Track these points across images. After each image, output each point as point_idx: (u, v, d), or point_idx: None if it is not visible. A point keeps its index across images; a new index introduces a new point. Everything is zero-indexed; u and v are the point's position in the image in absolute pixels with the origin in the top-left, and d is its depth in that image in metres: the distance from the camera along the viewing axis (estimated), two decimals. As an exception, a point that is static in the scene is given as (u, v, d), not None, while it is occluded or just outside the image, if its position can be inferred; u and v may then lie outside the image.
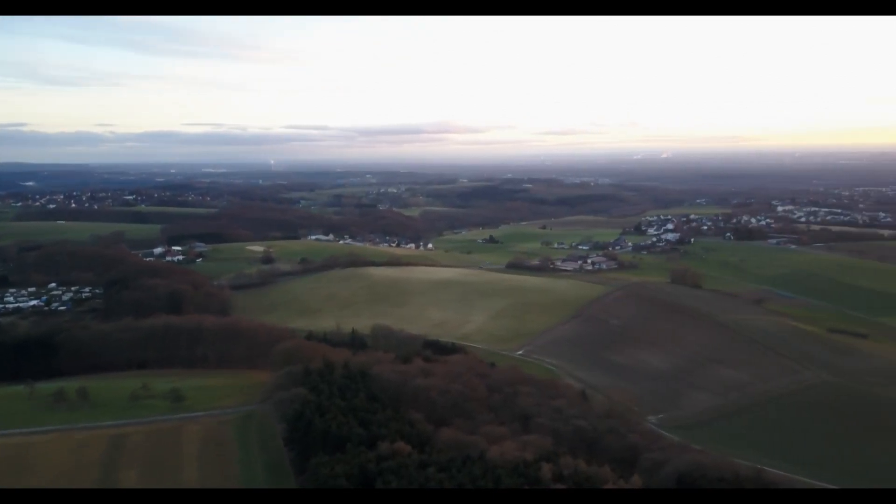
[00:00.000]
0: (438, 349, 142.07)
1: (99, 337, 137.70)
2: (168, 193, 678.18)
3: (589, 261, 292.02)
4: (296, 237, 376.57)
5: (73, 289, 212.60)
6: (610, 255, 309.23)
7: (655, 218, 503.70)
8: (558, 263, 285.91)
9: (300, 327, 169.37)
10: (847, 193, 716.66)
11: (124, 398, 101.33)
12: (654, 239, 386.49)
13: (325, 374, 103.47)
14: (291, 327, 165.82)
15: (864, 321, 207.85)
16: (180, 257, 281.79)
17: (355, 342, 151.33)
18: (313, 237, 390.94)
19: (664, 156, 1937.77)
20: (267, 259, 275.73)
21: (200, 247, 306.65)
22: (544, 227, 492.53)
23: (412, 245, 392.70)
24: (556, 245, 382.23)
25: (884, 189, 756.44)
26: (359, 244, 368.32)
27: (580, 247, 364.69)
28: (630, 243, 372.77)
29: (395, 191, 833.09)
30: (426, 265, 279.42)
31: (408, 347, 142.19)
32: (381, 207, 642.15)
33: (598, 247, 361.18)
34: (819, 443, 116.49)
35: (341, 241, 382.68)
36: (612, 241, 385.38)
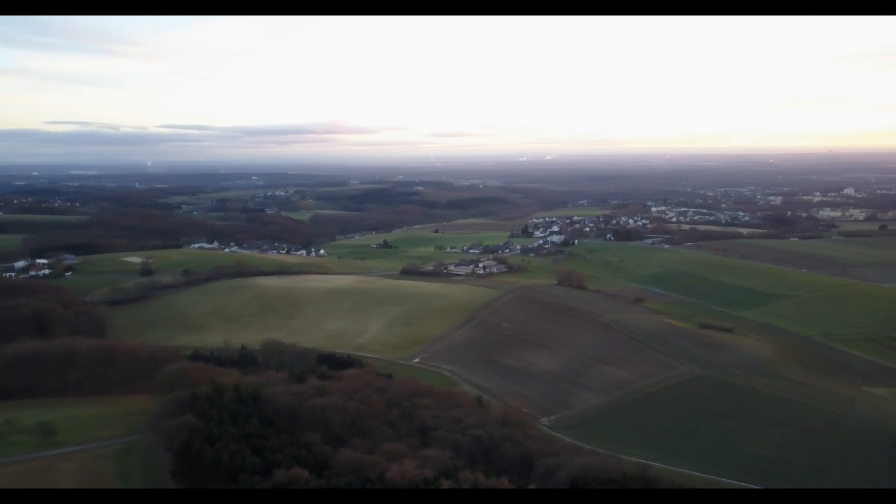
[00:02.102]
0: (334, 363, 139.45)
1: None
2: (30, 199, 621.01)
3: (480, 265, 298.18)
4: (177, 246, 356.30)
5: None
6: (500, 259, 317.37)
7: (542, 220, 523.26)
8: (451, 268, 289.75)
9: (185, 344, 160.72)
10: (711, 194, 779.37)
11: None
12: (541, 241, 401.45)
13: (214, 399, 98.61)
14: (175, 345, 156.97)
15: (729, 316, 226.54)
16: (47, 272, 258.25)
17: (245, 359, 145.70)
18: (196, 245, 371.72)
19: (548, 158, 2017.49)
20: (146, 271, 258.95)
21: (70, 259, 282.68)
22: (437, 231, 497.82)
23: (303, 252, 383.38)
24: (448, 249, 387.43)
25: (742, 189, 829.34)
26: (246, 252, 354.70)
27: (472, 251, 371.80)
28: (518, 246, 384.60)
29: (283, 193, 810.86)
30: (319, 273, 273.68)
31: (302, 363, 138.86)
32: (268, 212, 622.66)
33: (488, 250, 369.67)
34: (695, 434, 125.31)
35: (227, 250, 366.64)
36: (501, 244, 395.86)
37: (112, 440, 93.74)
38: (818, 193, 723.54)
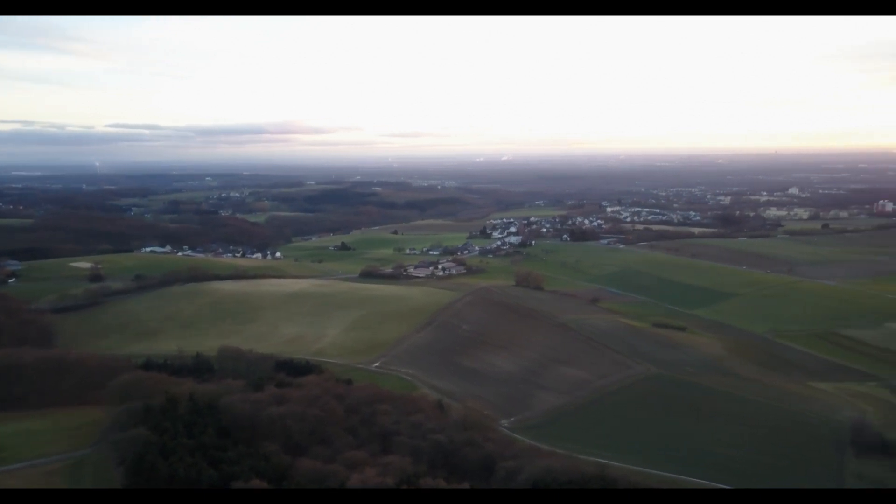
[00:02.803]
0: (292, 370, 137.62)
1: None
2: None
3: (440, 266, 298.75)
4: (128, 250, 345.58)
5: None
6: (459, 261, 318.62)
7: (499, 221, 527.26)
8: (411, 270, 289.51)
9: (137, 352, 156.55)
10: (664, 194, 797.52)
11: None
12: (499, 242, 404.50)
13: (168, 410, 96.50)
14: (127, 354, 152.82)
15: (682, 314, 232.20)
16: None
17: (201, 367, 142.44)
18: (148, 249, 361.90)
19: (504, 158, 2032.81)
20: (95, 276, 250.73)
21: (13, 265, 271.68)
22: (395, 233, 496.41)
23: (259, 255, 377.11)
24: (407, 251, 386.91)
25: (693, 189, 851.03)
26: (200, 256, 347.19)
27: (431, 252, 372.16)
28: (477, 247, 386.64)
29: (238, 195, 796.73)
30: (275, 277, 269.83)
31: (259, 370, 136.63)
32: (223, 214, 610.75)
33: (447, 251, 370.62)
34: (651, 433, 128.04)
35: (180, 253, 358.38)
36: (460, 245, 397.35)
37: (61, 455, 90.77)
38: (765, 193, 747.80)
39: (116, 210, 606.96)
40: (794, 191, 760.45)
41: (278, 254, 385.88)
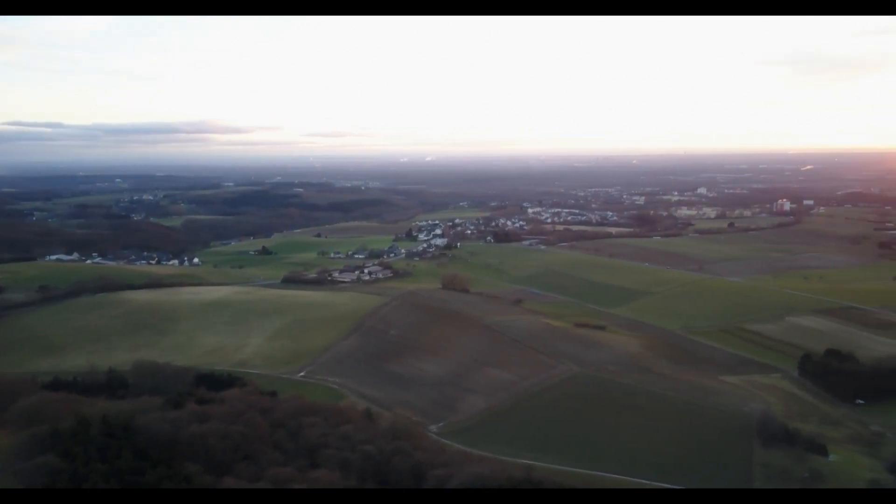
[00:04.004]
0: (213, 383, 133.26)
1: None
2: None
3: (366, 271, 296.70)
4: (31, 258, 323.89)
5: None
6: (385, 264, 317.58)
7: (425, 223, 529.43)
8: (336, 275, 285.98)
9: (43, 370, 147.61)
10: (582, 194, 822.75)
11: None
12: (425, 245, 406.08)
13: (78, 434, 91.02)
14: (32, 372, 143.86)
15: (601, 313, 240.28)
16: None
17: (114, 383, 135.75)
18: (53, 258, 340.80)
19: (428, 159, 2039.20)
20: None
21: None
22: (319, 236, 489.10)
23: (175, 261, 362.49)
24: (332, 255, 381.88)
25: (610, 190, 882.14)
26: (111, 264, 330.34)
27: (356, 256, 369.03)
28: (403, 250, 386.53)
29: (151, 197, 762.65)
30: (193, 284, 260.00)
31: (178, 384, 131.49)
32: (135, 218, 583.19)
33: (373, 255, 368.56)
34: (575, 432, 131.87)
35: (89, 262, 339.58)
36: (386, 248, 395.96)
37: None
38: (676, 193, 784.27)
39: (16, 215, 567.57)
40: (702, 191, 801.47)
41: (196, 260, 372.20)
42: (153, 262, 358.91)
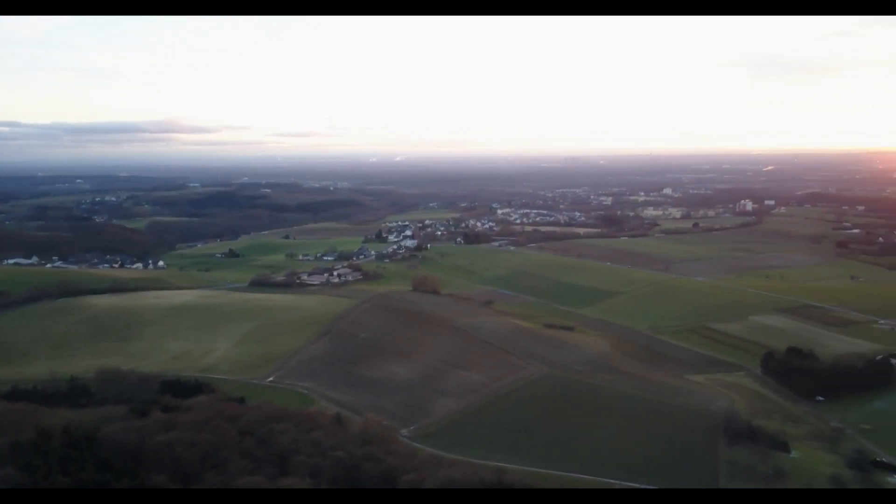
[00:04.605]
0: (180, 390, 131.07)
1: None
2: None
3: (335, 273, 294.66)
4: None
5: None
6: (355, 266, 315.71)
7: (395, 224, 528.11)
8: (305, 277, 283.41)
9: (2, 378, 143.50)
10: (550, 195, 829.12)
11: None
12: (395, 246, 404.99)
13: (39, 446, 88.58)
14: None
15: (570, 314, 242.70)
16: None
17: (76, 392, 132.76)
18: (11, 261, 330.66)
19: (398, 159, 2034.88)
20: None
21: None
22: (287, 237, 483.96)
23: (139, 265, 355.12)
24: (300, 257, 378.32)
25: (577, 190, 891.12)
26: (73, 267, 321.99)
27: (325, 258, 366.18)
28: (373, 252, 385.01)
29: (114, 199, 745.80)
30: (158, 288, 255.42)
31: (143, 391, 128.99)
32: (98, 220, 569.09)
33: (343, 257, 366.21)
34: (545, 433, 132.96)
35: (49, 265, 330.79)
36: (356, 250, 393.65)
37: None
38: (642, 193, 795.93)
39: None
40: (668, 191, 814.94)
41: (161, 263, 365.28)
42: (116, 265, 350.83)
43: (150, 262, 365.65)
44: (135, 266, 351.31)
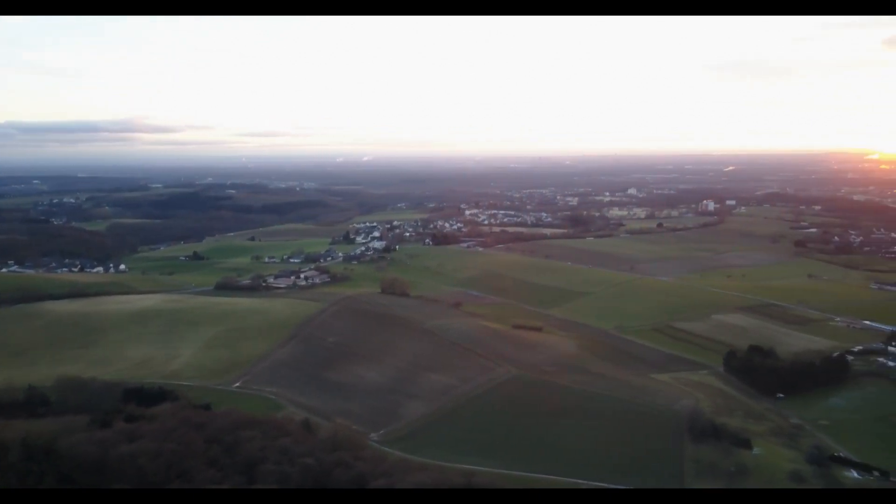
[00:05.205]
0: (144, 398, 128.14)
1: None
2: None
3: (302, 275, 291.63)
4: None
5: None
6: (322, 269, 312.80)
7: (363, 225, 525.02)
8: (271, 281, 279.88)
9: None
10: (518, 195, 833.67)
11: None
12: (363, 248, 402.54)
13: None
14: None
15: (538, 314, 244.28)
16: None
17: (34, 402, 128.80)
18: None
19: (365, 159, 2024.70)
20: None
21: None
22: (253, 239, 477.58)
23: (100, 268, 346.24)
24: (266, 259, 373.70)
25: (544, 191, 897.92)
26: (30, 272, 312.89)
27: (292, 260, 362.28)
28: (340, 254, 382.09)
29: (73, 200, 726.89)
30: (120, 293, 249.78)
31: (105, 400, 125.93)
32: (56, 222, 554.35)
33: (309, 259, 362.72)
34: (514, 435, 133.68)
35: (5, 270, 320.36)
36: (323, 252, 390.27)
37: None
38: (608, 194, 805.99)
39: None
40: (632, 191, 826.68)
41: (123, 266, 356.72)
42: (76, 269, 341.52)
43: (112, 265, 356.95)
44: (95, 270, 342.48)
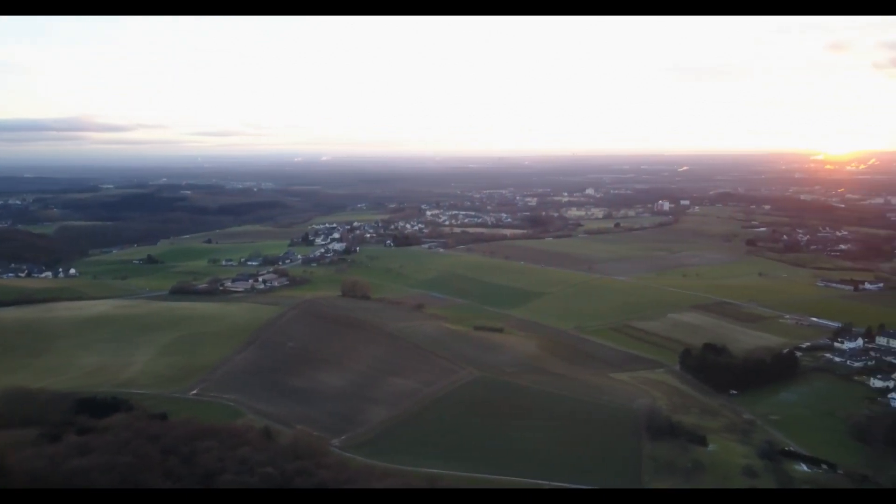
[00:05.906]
0: (96, 408, 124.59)
1: None
2: None
3: (260, 279, 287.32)
4: None
5: None
6: (281, 271, 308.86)
7: (322, 226, 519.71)
8: (228, 284, 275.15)
9: None
10: (478, 196, 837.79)
11: None
12: (323, 250, 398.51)
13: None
14: None
15: (499, 315, 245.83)
16: None
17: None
18: None
19: (324, 159, 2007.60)
20: None
21: None
22: (209, 242, 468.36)
23: (48, 273, 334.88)
24: (224, 262, 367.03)
25: (503, 191, 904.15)
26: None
27: (250, 263, 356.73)
28: (300, 256, 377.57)
29: (18, 202, 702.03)
30: (70, 299, 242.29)
31: (55, 411, 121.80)
32: (0, 225, 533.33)
33: (268, 261, 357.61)
34: (478, 437, 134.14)
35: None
36: (281, 254, 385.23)
37: None
38: (566, 194, 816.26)
39: None
40: (590, 191, 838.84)
41: (73, 271, 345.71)
42: (22, 274, 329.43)
43: (61, 270, 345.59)
44: (43, 275, 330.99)
